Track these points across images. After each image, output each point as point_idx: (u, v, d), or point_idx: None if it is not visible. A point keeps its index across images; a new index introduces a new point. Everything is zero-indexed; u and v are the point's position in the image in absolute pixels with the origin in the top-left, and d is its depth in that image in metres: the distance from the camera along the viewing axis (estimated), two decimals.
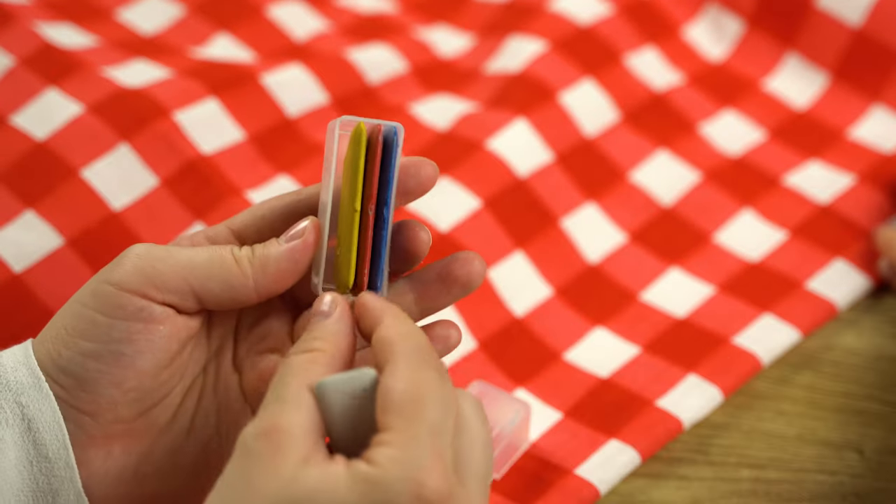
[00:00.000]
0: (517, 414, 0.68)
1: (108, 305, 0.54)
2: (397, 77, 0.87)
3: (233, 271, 0.55)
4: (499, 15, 0.93)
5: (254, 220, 0.58)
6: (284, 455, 0.48)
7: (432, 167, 0.57)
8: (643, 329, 0.77)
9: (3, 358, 0.55)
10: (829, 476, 0.70)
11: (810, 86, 0.90)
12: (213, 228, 0.58)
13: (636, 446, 0.70)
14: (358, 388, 0.50)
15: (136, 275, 0.54)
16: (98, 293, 0.54)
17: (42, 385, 0.54)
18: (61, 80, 0.79)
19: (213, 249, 0.55)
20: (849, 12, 0.89)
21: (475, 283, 0.58)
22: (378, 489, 0.47)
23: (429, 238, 0.58)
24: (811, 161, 0.86)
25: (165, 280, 0.54)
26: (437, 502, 0.47)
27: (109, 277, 0.54)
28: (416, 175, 0.57)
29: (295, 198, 0.58)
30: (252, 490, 0.48)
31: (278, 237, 0.56)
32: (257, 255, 0.55)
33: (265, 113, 0.81)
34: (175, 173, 0.76)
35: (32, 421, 0.54)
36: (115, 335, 0.54)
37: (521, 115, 0.83)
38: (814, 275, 0.79)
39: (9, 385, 0.54)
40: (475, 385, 0.70)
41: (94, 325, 0.54)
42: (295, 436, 0.49)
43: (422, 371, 0.50)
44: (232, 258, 0.55)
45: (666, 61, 0.90)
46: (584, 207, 0.81)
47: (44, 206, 0.74)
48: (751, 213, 0.83)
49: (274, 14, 0.90)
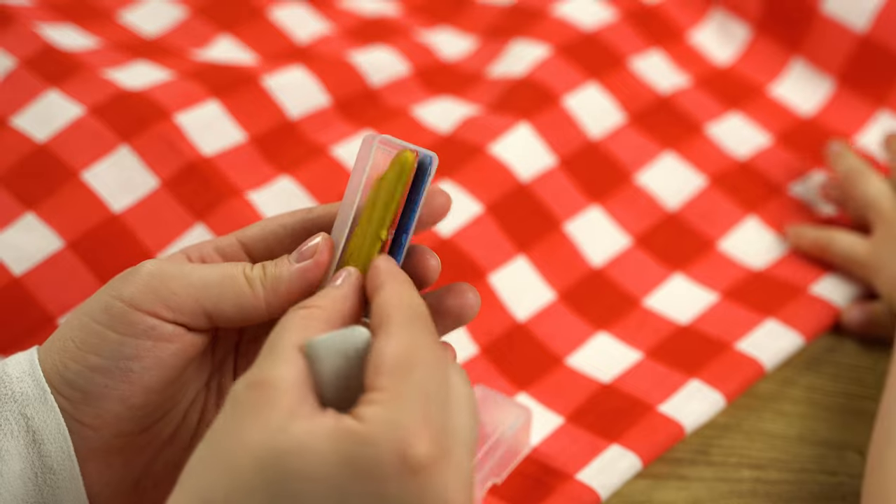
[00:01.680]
0: (518, 419, 0.68)
1: (120, 322, 0.54)
2: (399, 79, 0.87)
3: (244, 292, 0.55)
4: (501, 18, 0.93)
5: (264, 236, 0.58)
6: (272, 406, 0.48)
7: (445, 197, 0.57)
8: (646, 334, 0.76)
9: (8, 367, 0.55)
10: (829, 476, 0.70)
11: (816, 91, 0.89)
12: (223, 239, 0.58)
13: (637, 451, 0.69)
14: (350, 347, 0.50)
15: (148, 293, 0.54)
16: (109, 309, 0.54)
17: (48, 397, 0.54)
18: (62, 81, 0.79)
19: (225, 268, 0.55)
20: (854, 18, 0.88)
21: (468, 316, 0.57)
22: (364, 447, 0.47)
23: (438, 265, 0.57)
24: (816, 170, 0.86)
25: (178, 300, 0.54)
26: (423, 466, 0.47)
27: (121, 294, 0.54)
28: (430, 203, 0.57)
29: (306, 216, 0.57)
30: (239, 440, 0.48)
31: (289, 254, 0.56)
32: (269, 275, 0.55)
33: (266, 115, 0.81)
34: (176, 175, 0.76)
35: (37, 432, 0.54)
36: (126, 352, 0.54)
37: (524, 119, 0.83)
38: (817, 280, 0.79)
39: (14, 396, 0.54)
40: (476, 389, 0.70)
41: (104, 340, 0.54)
42: (283, 389, 0.48)
43: (415, 336, 0.50)
44: (244, 279, 0.55)
45: (672, 64, 0.90)
46: (587, 211, 0.81)
47: (44, 209, 0.74)
48: (755, 221, 0.83)
49: (275, 16, 0.90)
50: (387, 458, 0.47)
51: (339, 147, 0.81)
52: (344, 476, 0.47)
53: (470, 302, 0.57)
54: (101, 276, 0.72)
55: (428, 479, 0.47)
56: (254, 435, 0.47)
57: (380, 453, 0.47)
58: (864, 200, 0.79)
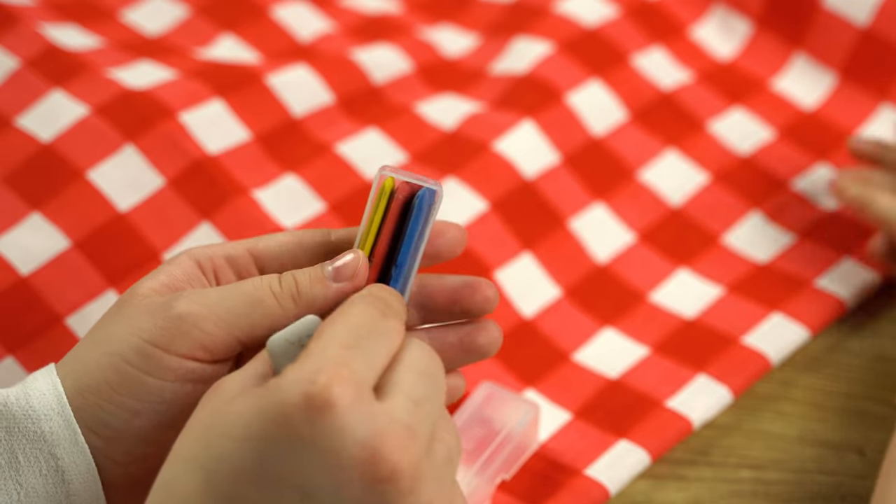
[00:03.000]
0: (526, 415, 0.68)
1: (157, 368, 0.53)
2: (402, 77, 0.87)
3: (275, 313, 0.54)
4: (504, 15, 0.93)
5: (279, 253, 0.57)
6: (221, 393, 0.49)
7: (458, 230, 0.58)
8: (652, 330, 0.76)
9: (32, 399, 0.54)
10: (829, 477, 0.70)
11: (818, 85, 0.90)
12: (234, 248, 0.57)
13: (646, 447, 0.69)
14: (303, 334, 0.50)
15: (183, 338, 0.53)
16: (143, 353, 0.53)
17: (78, 438, 0.53)
18: (66, 81, 0.79)
19: (250, 292, 0.54)
20: (856, 12, 0.88)
21: (493, 352, 0.59)
22: (271, 394, 0.46)
23: (495, 297, 0.59)
24: (819, 164, 0.86)
25: (213, 339, 0.53)
26: (330, 404, 0.45)
27: (154, 339, 0.53)
28: (443, 235, 0.58)
29: (326, 238, 0.57)
30: (189, 423, 0.49)
31: (320, 265, 0.55)
32: (303, 295, 0.54)
33: (271, 113, 0.81)
34: (181, 174, 0.76)
35: (66, 472, 0.53)
36: (165, 397, 0.53)
37: (528, 116, 0.83)
38: (822, 273, 0.79)
39: (43, 436, 0.53)
40: (484, 386, 0.70)
41: (142, 385, 0.53)
42: (233, 380, 0.49)
43: (356, 307, 0.50)
44: (273, 300, 0.54)
45: (674, 60, 0.90)
46: (591, 208, 0.81)
47: (50, 208, 0.74)
48: (759, 216, 0.83)
49: (279, 14, 0.90)
50: (290, 398, 0.46)
51: (343, 144, 0.81)
52: (256, 427, 0.46)
53: (495, 336, 0.59)
54: (107, 276, 0.72)
55: (336, 419, 0.46)
56: (204, 412, 0.49)
57: (284, 396, 0.46)
58: (880, 222, 0.78)
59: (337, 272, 0.55)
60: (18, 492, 0.53)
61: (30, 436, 0.53)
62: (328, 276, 0.55)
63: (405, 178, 0.56)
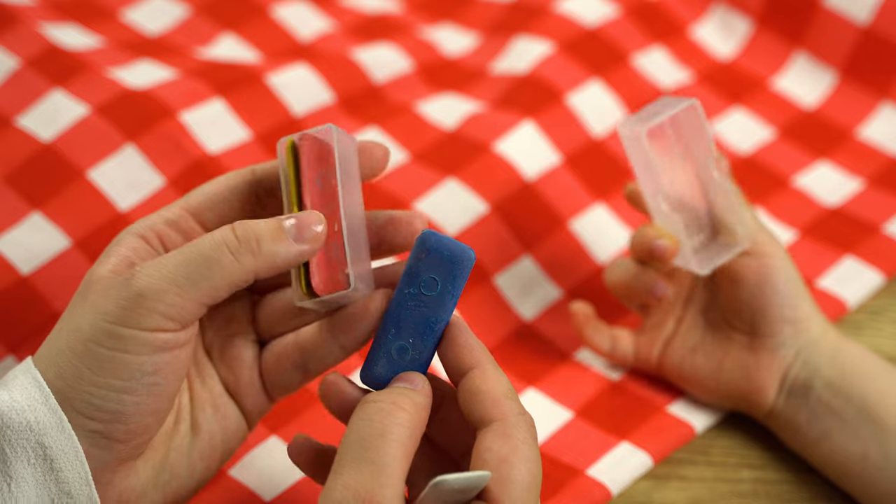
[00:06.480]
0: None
1: (133, 344, 0.53)
2: (403, 76, 0.87)
3: (234, 271, 0.54)
4: (504, 15, 0.93)
5: (213, 204, 0.58)
6: None
7: (383, 150, 0.60)
8: None
9: (15, 393, 0.54)
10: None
11: (818, 84, 0.90)
12: (169, 212, 0.58)
13: (648, 449, 0.69)
14: (473, 488, 0.52)
15: (149, 313, 0.53)
16: (115, 336, 0.53)
17: (64, 425, 0.54)
18: (67, 81, 0.79)
19: (207, 252, 0.54)
20: (856, 11, 0.88)
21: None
22: None
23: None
24: (820, 162, 0.86)
25: (179, 310, 0.54)
26: None
27: (122, 319, 0.53)
28: (369, 154, 0.59)
29: (251, 177, 0.59)
30: None
31: (279, 217, 0.56)
32: (264, 250, 0.54)
33: (271, 112, 0.81)
34: (181, 173, 0.76)
35: (55, 461, 0.54)
36: (148, 368, 0.54)
37: (528, 116, 0.83)
38: (824, 273, 0.79)
39: (30, 426, 0.54)
40: None
41: (121, 364, 0.53)
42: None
43: (516, 470, 0.53)
44: (231, 257, 0.54)
45: (674, 60, 0.90)
46: (592, 208, 0.81)
47: (50, 208, 0.74)
48: (760, 214, 0.83)
49: (279, 14, 0.90)
50: None
51: None
52: None
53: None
54: None
55: None
56: None
57: None
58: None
59: (299, 233, 0.55)
60: (9, 483, 0.53)
61: (15, 427, 0.53)
62: (289, 233, 0.55)
63: (299, 134, 0.57)
